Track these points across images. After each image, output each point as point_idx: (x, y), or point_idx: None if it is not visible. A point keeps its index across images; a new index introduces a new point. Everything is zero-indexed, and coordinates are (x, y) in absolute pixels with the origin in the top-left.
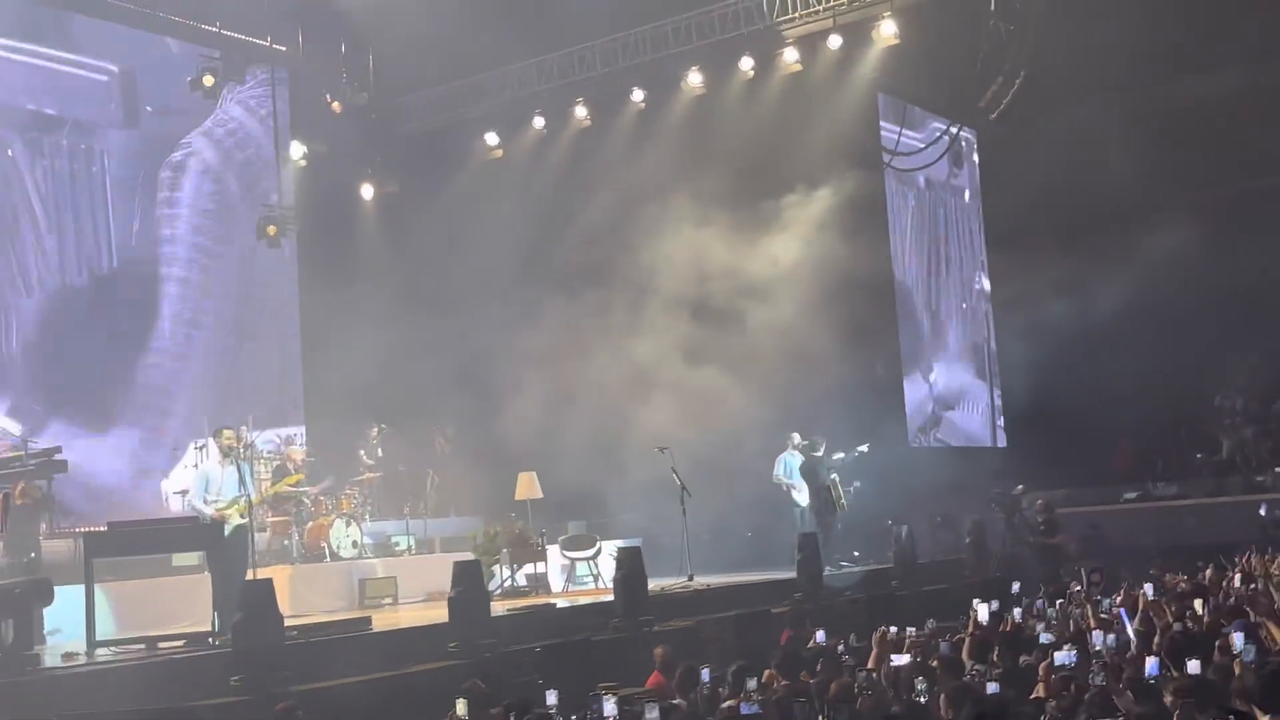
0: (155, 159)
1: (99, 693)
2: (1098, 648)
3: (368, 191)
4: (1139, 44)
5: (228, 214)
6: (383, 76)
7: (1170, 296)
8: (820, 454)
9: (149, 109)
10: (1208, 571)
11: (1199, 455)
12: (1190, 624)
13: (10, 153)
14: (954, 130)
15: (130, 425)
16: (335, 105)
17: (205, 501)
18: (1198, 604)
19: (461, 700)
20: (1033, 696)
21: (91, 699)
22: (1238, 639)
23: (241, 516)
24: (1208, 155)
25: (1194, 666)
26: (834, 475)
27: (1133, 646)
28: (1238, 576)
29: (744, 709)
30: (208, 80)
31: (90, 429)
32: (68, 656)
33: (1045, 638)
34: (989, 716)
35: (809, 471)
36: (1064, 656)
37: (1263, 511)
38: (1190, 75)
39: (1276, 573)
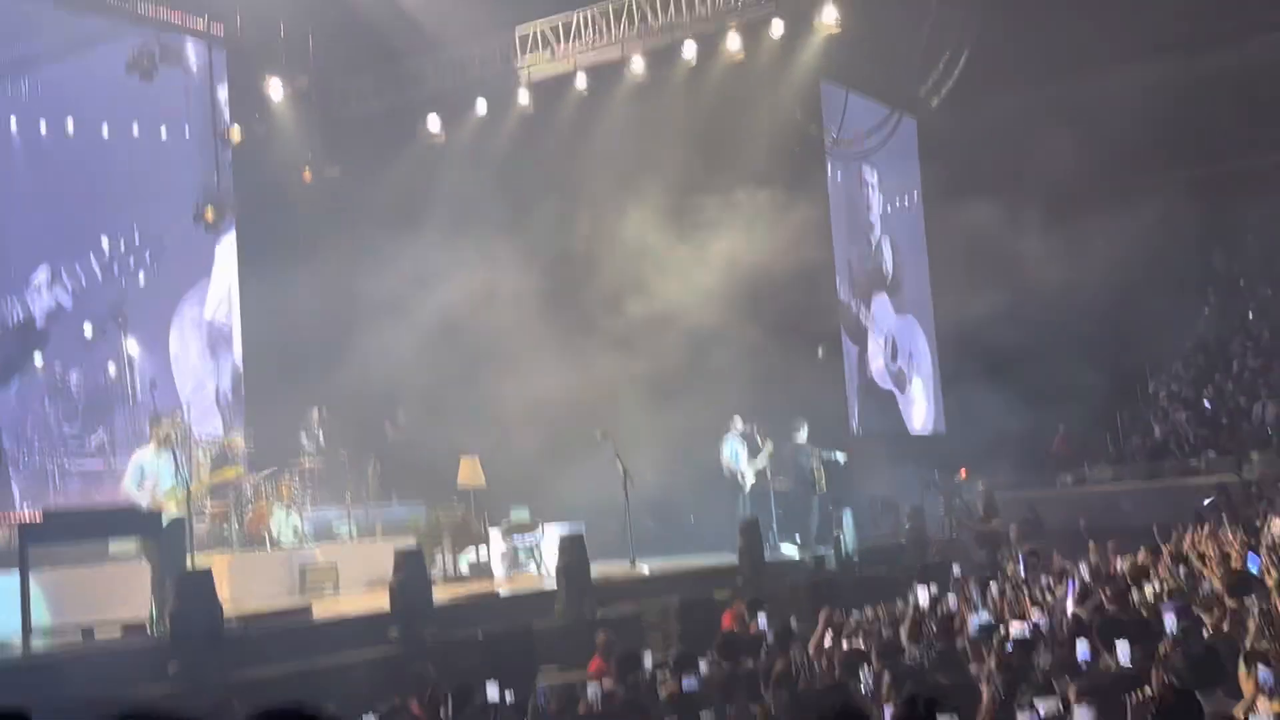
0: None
1: (35, 682)
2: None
3: (308, 175)
4: (1077, 32)
5: (163, 199)
6: (322, 59)
7: (1109, 281)
8: (803, 440)
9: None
10: (1140, 554)
11: (1134, 439)
12: (1119, 606)
13: None
14: (895, 116)
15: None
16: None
17: (140, 489)
18: (1146, 589)
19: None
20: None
21: (28, 689)
22: (1169, 620)
23: (179, 508)
24: (1146, 142)
25: (1123, 648)
26: (815, 462)
27: (1064, 627)
28: (1167, 557)
29: (685, 685)
30: (144, 62)
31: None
32: (2, 646)
33: (983, 616)
34: (925, 698)
35: (791, 455)
36: (1018, 630)
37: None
38: (1126, 63)
39: (1207, 550)
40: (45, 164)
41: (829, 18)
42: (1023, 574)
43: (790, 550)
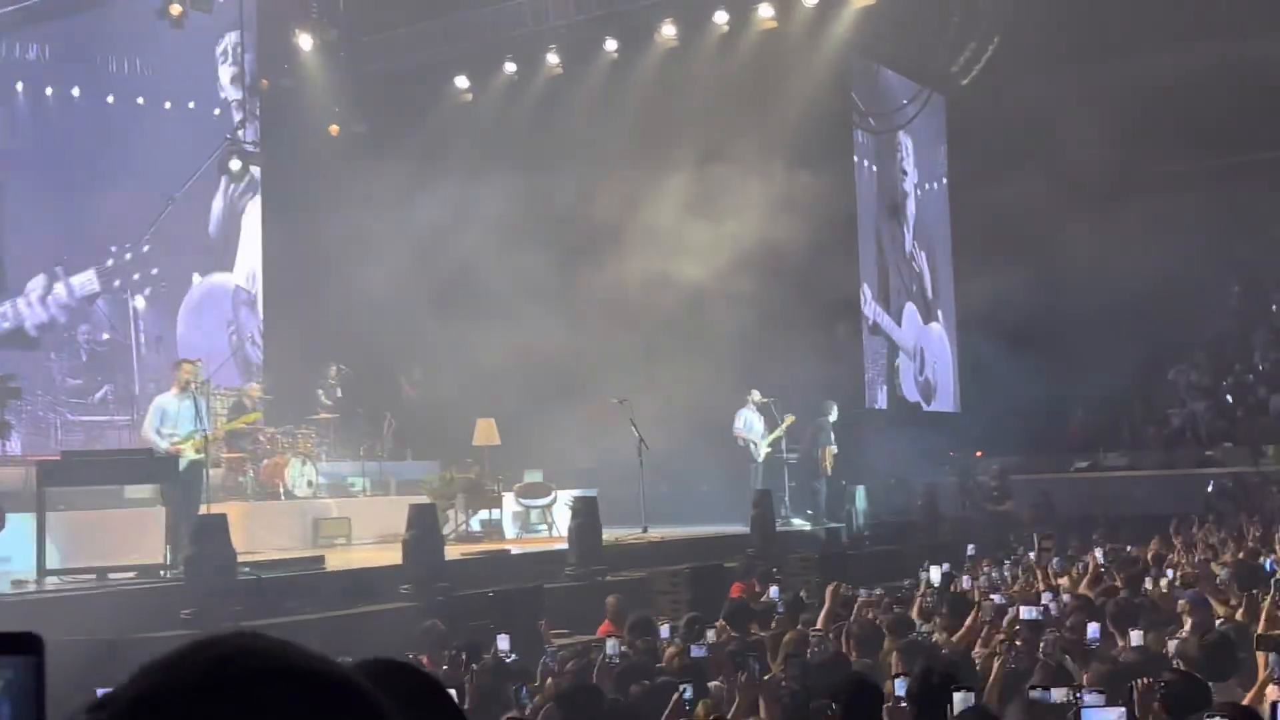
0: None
1: (48, 621)
2: (1050, 611)
3: (335, 129)
4: (1110, 17)
5: (185, 151)
6: (353, 12)
7: (1131, 269)
8: (833, 417)
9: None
10: (1153, 542)
11: (1151, 427)
12: (1132, 592)
13: None
14: (925, 93)
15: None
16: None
17: (159, 434)
18: (1159, 576)
19: None
20: (975, 651)
21: (40, 627)
22: (1182, 607)
23: (197, 452)
24: (1174, 130)
25: (1136, 636)
26: (833, 446)
27: (1076, 612)
28: (1180, 546)
29: (693, 651)
30: (174, 10)
31: None
32: (17, 584)
33: (995, 598)
34: (940, 671)
35: (814, 431)
36: (1028, 612)
37: (1210, 488)
38: (1162, 50)
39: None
40: (63, 118)
41: None
42: (1034, 557)
43: (801, 523)
